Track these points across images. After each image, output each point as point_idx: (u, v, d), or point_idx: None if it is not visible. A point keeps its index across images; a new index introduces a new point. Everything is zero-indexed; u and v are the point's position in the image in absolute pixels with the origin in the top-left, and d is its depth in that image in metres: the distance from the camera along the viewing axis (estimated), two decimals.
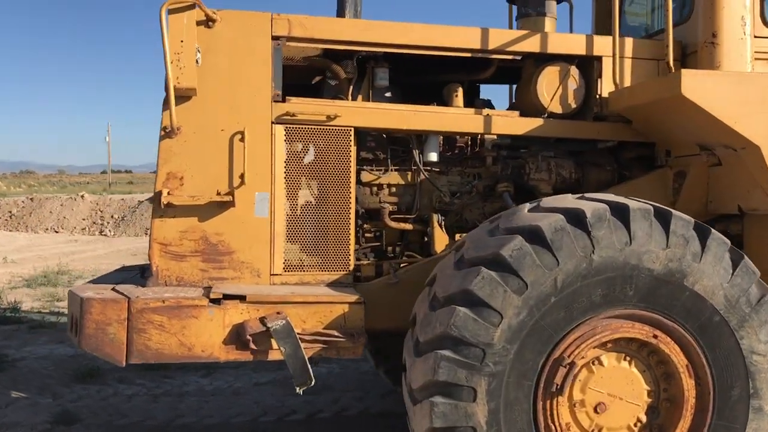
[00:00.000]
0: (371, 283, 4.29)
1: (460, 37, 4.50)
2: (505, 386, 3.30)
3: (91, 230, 23.16)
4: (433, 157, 4.61)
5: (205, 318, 3.67)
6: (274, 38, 4.19)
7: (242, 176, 4.10)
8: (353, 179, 4.30)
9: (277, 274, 4.16)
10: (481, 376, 3.30)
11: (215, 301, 3.69)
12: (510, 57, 4.64)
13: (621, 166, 4.85)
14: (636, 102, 4.39)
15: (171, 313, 3.64)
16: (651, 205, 3.50)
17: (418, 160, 4.57)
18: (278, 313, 3.71)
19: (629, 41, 4.70)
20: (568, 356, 3.35)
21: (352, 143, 4.29)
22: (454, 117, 4.54)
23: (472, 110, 4.59)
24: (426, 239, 4.57)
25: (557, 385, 3.35)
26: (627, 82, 4.65)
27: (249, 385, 6.54)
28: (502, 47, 4.55)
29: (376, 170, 4.57)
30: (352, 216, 4.29)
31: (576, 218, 3.38)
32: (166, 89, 3.87)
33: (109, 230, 22.95)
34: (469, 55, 4.55)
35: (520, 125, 4.58)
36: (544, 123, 4.59)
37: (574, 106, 4.69)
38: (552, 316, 3.32)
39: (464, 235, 4.43)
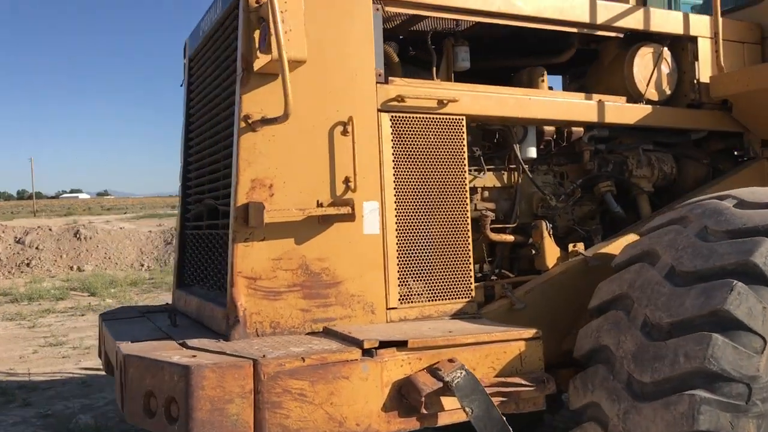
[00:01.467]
0: (491, 310, 3.43)
1: (572, 10, 3.77)
2: None
3: None
4: (532, 152, 3.82)
5: (357, 377, 2.63)
6: (375, 0, 3.23)
7: (348, 181, 3.09)
8: (467, 183, 3.42)
9: (393, 308, 3.17)
10: (748, 419, 2.58)
11: (367, 352, 2.67)
12: (613, 35, 3.99)
13: (712, 159, 4.37)
14: (754, 87, 3.91)
15: (314, 376, 2.56)
16: None
17: (519, 157, 3.77)
18: (451, 360, 2.75)
19: (721, 22, 4.23)
20: None
21: (465, 137, 3.41)
22: (569, 105, 3.80)
23: (582, 95, 3.88)
24: (533, 251, 3.76)
25: None
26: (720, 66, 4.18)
27: None
28: (609, 22, 3.89)
29: (473, 171, 3.71)
30: (470, 229, 3.40)
31: None
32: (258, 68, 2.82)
33: None
34: (575, 30, 3.85)
35: (629, 114, 3.93)
36: (654, 111, 3.98)
37: (668, 92, 4.14)
38: None
39: (578, 245, 3.72)
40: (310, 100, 3.05)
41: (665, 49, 4.11)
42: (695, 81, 4.15)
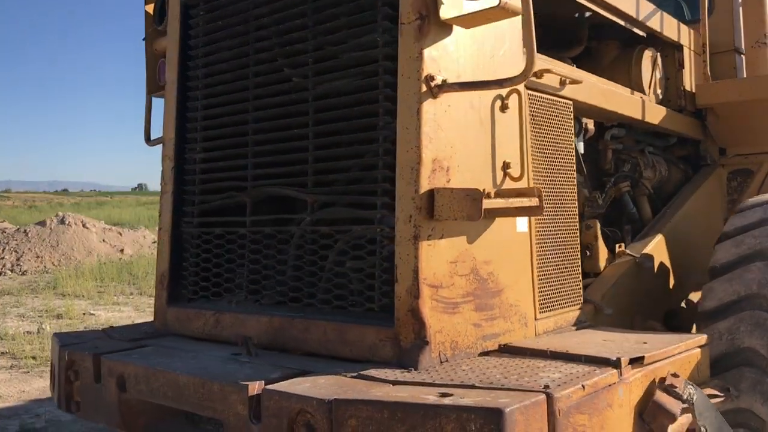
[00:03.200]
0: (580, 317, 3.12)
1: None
2: None
3: None
4: (581, 148, 3.59)
5: (617, 404, 2.14)
6: None
7: (508, 167, 2.56)
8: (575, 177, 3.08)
9: (538, 319, 2.71)
10: None
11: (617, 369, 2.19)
12: (642, 33, 3.92)
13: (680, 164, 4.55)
14: (745, 97, 4.15)
15: (590, 408, 2.01)
16: None
17: (580, 153, 3.51)
18: (674, 375, 2.38)
19: (692, 33, 4.43)
20: None
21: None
22: (630, 100, 3.64)
23: (628, 90, 3.74)
24: (587, 253, 3.51)
25: None
26: (696, 76, 4.38)
27: None
28: (644, 20, 3.82)
29: None
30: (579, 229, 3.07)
31: None
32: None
33: None
34: (622, 23, 3.70)
35: (655, 114, 3.90)
36: (668, 114, 4.00)
37: (661, 97, 4.22)
38: None
39: (623, 246, 3.60)
40: (483, 66, 2.47)
41: (658, 54, 4.18)
42: (682, 88, 4.29)
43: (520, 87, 2.52)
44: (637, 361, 2.27)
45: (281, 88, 2.77)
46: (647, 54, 4.07)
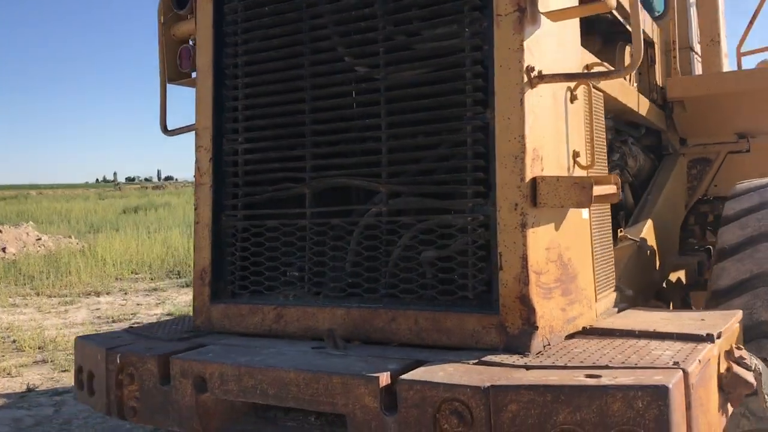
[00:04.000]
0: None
1: None
2: None
3: None
4: None
5: (713, 376, 2.29)
6: None
7: (577, 156, 2.67)
8: None
9: (597, 301, 2.83)
10: None
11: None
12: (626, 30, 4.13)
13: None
14: (713, 92, 4.47)
15: (703, 380, 2.13)
16: None
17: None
18: (738, 347, 2.56)
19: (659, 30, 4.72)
20: None
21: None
22: (633, 93, 3.83)
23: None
24: None
25: None
26: (663, 71, 4.68)
27: None
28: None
29: None
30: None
31: None
32: None
33: None
34: (610, 17, 3.88)
35: (644, 106, 4.13)
36: (651, 106, 4.25)
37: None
38: None
39: (624, 230, 3.82)
40: (557, 59, 2.55)
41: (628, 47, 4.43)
42: (654, 82, 4.56)
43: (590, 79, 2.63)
44: (717, 337, 2.43)
45: (344, 78, 2.73)
46: (628, 49, 4.29)
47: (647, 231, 3.90)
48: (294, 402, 2.24)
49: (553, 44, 2.53)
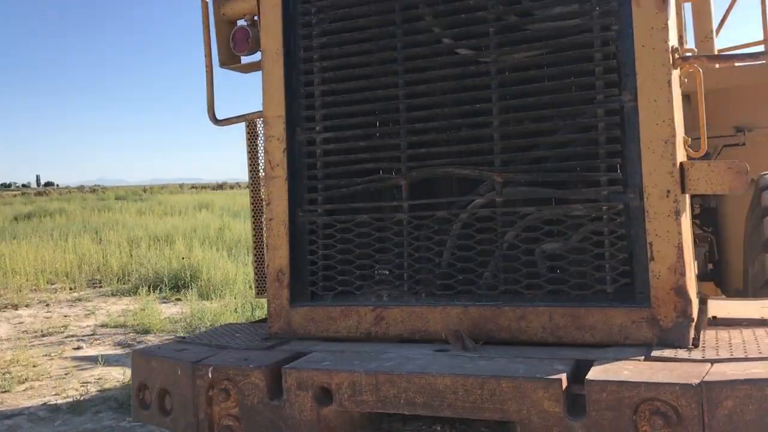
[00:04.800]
0: None
1: None
2: None
3: None
4: None
5: None
6: None
7: (685, 142, 2.59)
8: None
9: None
10: None
11: None
12: None
13: None
14: (717, 85, 4.55)
15: None
16: None
17: None
18: None
19: None
20: None
21: None
22: None
23: None
24: None
25: None
26: None
27: None
28: None
29: None
30: None
31: None
32: None
33: None
34: None
35: None
36: None
37: None
38: None
39: None
40: (673, 36, 2.46)
41: None
42: None
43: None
44: None
45: (445, 61, 2.54)
46: None
47: None
48: (450, 411, 2.03)
49: (673, 25, 2.44)
